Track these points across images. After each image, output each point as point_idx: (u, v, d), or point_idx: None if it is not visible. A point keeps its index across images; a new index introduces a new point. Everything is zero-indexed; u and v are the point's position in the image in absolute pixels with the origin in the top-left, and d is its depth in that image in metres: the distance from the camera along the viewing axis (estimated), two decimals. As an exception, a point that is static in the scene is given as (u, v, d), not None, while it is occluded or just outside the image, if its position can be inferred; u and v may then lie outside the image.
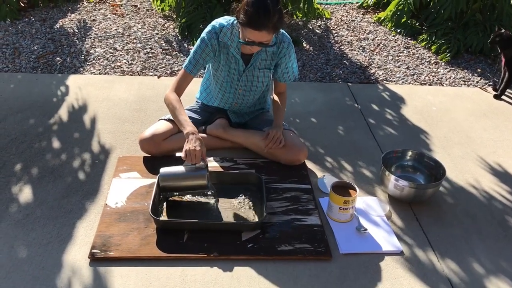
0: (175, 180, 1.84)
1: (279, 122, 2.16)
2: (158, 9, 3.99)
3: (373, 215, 1.90)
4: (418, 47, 3.72)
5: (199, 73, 2.17)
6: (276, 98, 2.24)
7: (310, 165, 2.19)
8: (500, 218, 1.97)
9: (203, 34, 2.04)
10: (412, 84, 3.18)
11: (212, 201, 1.89)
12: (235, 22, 1.99)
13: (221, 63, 2.09)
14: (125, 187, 1.94)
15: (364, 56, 3.52)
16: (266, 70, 2.13)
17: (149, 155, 2.13)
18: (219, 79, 2.16)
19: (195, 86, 2.48)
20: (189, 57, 2.07)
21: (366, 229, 1.82)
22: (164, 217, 1.79)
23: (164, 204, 1.86)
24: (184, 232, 1.73)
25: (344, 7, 4.48)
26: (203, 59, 2.05)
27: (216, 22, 2.04)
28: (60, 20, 3.67)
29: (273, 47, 2.06)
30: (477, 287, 1.63)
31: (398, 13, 4.00)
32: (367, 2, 4.46)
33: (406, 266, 1.69)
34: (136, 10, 4.01)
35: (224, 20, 2.03)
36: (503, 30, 2.87)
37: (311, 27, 3.97)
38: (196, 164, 1.83)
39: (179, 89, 2.10)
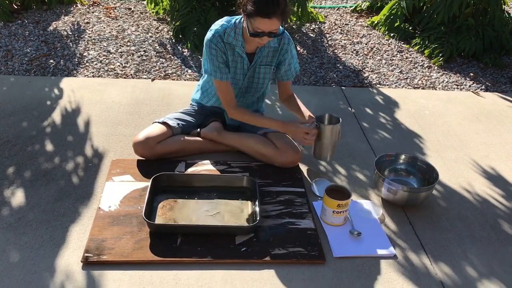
0: None
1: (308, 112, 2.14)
2: (152, 12, 3.99)
3: (366, 219, 1.91)
4: (411, 51, 3.74)
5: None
6: (288, 101, 2.25)
7: (304, 168, 2.20)
8: (492, 221, 1.98)
9: (207, 42, 2.02)
10: (405, 88, 3.20)
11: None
12: (237, 21, 1.99)
13: (230, 64, 2.09)
14: (118, 190, 1.93)
15: (358, 60, 3.53)
16: (267, 67, 2.14)
17: (143, 158, 2.12)
18: None
19: (190, 90, 2.48)
20: (211, 69, 2.04)
21: (359, 233, 1.82)
22: (158, 220, 1.79)
23: (158, 207, 1.85)
24: (177, 236, 1.72)
25: (337, 11, 4.50)
26: (221, 62, 2.04)
27: (217, 25, 2.03)
28: (54, 23, 3.66)
29: (273, 42, 2.07)
30: (470, 291, 1.64)
31: (392, 17, 4.03)
32: (360, 6, 4.48)
33: (399, 270, 1.69)
34: (130, 13, 4.00)
35: (225, 21, 2.03)
36: None
37: (305, 31, 3.98)
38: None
39: (232, 99, 2.11)
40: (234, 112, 2.12)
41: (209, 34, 2.03)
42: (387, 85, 3.21)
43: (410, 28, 3.99)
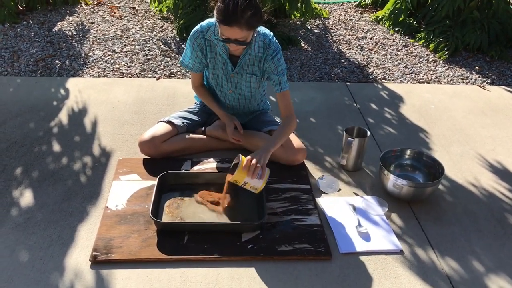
0: None
1: (267, 145, 1.91)
2: (156, 10, 4.00)
3: (372, 214, 1.91)
4: (416, 45, 3.73)
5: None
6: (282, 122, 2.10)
7: (309, 165, 2.20)
8: (499, 215, 1.98)
9: (190, 35, 2.06)
10: (411, 82, 3.19)
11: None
12: None
13: (209, 61, 2.10)
14: (125, 189, 1.95)
15: (362, 55, 3.52)
16: (253, 76, 2.11)
17: (149, 157, 2.14)
18: (209, 78, 2.19)
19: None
20: (183, 56, 2.13)
21: (365, 229, 1.82)
22: (164, 218, 1.80)
23: (165, 205, 1.86)
24: (184, 234, 1.73)
25: (342, 6, 4.48)
26: (196, 56, 2.09)
27: (206, 21, 2.05)
28: (59, 23, 3.68)
29: (258, 51, 2.02)
30: (477, 285, 1.64)
31: (396, 11, 4.01)
32: (364, 1, 4.46)
33: (406, 265, 1.70)
34: (134, 12, 4.01)
35: (213, 19, 2.04)
36: None
37: (309, 27, 3.97)
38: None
39: (196, 83, 2.24)
40: (195, 90, 2.27)
41: (194, 28, 2.05)
42: (392, 80, 3.21)
43: (414, 22, 3.98)
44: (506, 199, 2.08)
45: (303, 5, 3.90)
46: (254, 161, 1.78)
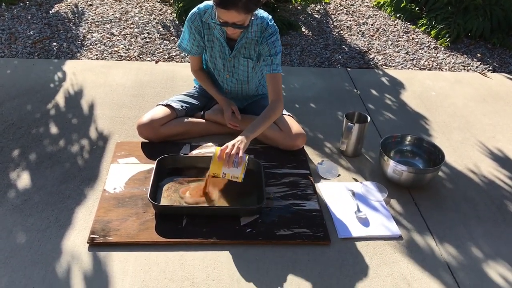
0: None
1: (246, 132, 1.86)
2: (155, -7, 3.94)
3: (371, 200, 1.90)
4: (417, 32, 3.69)
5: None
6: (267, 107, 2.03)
7: (309, 150, 2.19)
8: (498, 202, 1.97)
9: (188, 18, 2.04)
10: (412, 69, 3.17)
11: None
12: None
13: (207, 44, 2.08)
14: (123, 172, 1.93)
15: (363, 41, 3.49)
16: (249, 60, 2.08)
17: (147, 141, 2.12)
18: (208, 62, 2.17)
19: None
20: (181, 39, 2.12)
21: (364, 214, 1.82)
22: (163, 202, 1.79)
23: (163, 189, 1.85)
24: (183, 217, 1.73)
25: (343, -8, 4.43)
26: (193, 39, 2.07)
27: (203, 3, 2.02)
28: (56, 5, 3.63)
29: (254, 34, 1.99)
30: (476, 271, 1.64)
31: (398, -3, 3.97)
32: (366, -13, 4.41)
33: (404, 251, 1.69)
34: (133, -5, 3.96)
35: (211, 1, 2.01)
36: None
37: (310, 12, 3.93)
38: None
39: (195, 67, 2.22)
40: (194, 73, 2.24)
41: (192, 10, 2.03)
42: (393, 66, 3.18)
43: (416, 8, 3.94)
44: (506, 186, 2.08)
45: (304, -10, 3.86)
46: (228, 149, 1.75)
